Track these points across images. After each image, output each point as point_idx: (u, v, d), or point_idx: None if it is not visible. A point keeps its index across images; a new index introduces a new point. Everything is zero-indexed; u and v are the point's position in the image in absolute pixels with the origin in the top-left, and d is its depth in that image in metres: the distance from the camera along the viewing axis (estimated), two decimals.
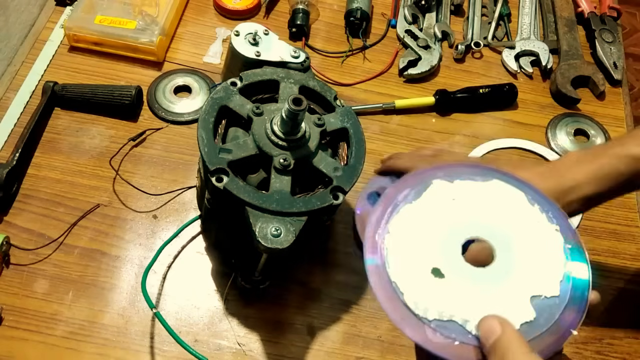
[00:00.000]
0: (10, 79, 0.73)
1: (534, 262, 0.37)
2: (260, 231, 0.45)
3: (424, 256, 0.36)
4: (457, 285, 0.35)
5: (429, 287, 0.35)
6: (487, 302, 0.35)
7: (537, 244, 0.38)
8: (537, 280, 0.36)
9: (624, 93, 0.85)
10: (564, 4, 0.91)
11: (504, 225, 0.38)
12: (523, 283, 0.36)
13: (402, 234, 0.37)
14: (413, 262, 0.36)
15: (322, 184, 0.50)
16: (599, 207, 0.72)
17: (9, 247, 0.60)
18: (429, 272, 0.36)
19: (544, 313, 0.35)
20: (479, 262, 0.37)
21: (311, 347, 0.59)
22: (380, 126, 0.76)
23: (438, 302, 0.34)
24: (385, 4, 0.89)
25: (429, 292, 0.35)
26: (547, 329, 0.34)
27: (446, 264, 0.36)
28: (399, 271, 0.35)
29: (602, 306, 0.65)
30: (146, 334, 0.57)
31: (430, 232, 0.37)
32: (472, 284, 0.35)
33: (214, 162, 0.47)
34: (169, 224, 0.64)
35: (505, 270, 0.36)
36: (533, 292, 0.35)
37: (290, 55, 0.57)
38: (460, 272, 0.36)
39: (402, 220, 0.38)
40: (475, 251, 0.37)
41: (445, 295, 0.35)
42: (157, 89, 0.74)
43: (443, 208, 0.39)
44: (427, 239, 0.37)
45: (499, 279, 0.36)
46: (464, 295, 0.35)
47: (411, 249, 0.37)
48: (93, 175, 0.66)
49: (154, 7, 0.77)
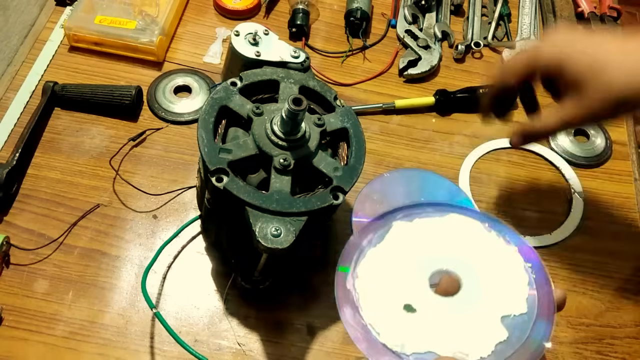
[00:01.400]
0: (10, 79, 0.73)
1: (499, 284, 0.38)
2: (260, 231, 0.45)
3: (394, 294, 0.38)
4: (430, 317, 0.37)
5: (403, 323, 0.36)
6: (460, 329, 0.36)
7: (499, 267, 0.39)
8: (505, 300, 0.37)
9: None
10: (564, 4, 0.91)
11: (466, 255, 0.40)
12: (492, 305, 0.37)
13: (371, 277, 0.38)
14: (384, 302, 0.37)
15: (322, 184, 0.50)
16: (599, 207, 0.73)
17: (9, 247, 0.60)
18: (401, 309, 0.37)
19: (515, 331, 0.36)
20: (448, 292, 0.38)
21: (311, 347, 0.59)
22: (380, 126, 0.76)
23: (414, 336, 0.36)
24: (385, 4, 0.89)
25: (403, 328, 0.36)
26: (520, 345, 0.36)
27: (416, 298, 0.37)
28: (372, 313, 0.37)
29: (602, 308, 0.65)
30: (146, 334, 0.57)
31: (397, 271, 0.39)
32: (443, 314, 0.37)
33: (214, 162, 0.47)
34: (169, 224, 0.64)
35: (473, 296, 0.38)
36: (502, 312, 0.37)
37: (290, 55, 0.57)
38: (430, 304, 0.37)
39: (369, 264, 0.39)
40: (444, 283, 0.39)
41: (419, 328, 0.36)
42: (157, 89, 0.74)
43: (406, 247, 0.40)
44: (395, 277, 0.39)
45: (468, 305, 0.37)
46: (438, 326, 0.36)
47: (381, 289, 0.38)
48: (93, 175, 0.66)
49: (154, 7, 0.77)
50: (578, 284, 0.66)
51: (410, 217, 0.42)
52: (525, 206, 0.72)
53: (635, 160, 0.78)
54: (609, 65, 0.48)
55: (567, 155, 0.76)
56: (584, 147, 0.77)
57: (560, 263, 0.68)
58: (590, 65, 0.48)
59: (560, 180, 0.75)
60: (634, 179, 0.76)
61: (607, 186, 0.75)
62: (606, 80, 0.47)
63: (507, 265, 0.39)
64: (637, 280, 0.67)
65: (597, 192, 0.74)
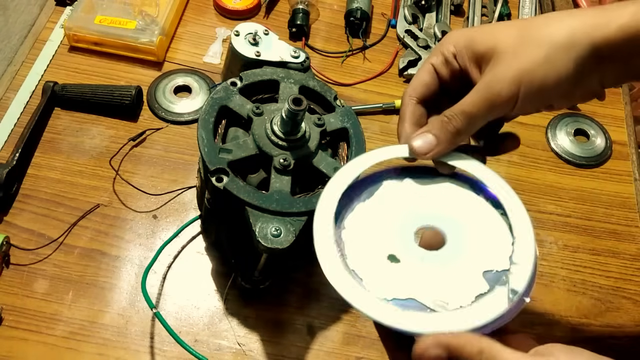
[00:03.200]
0: (10, 79, 0.73)
1: (483, 242, 0.39)
2: (260, 231, 0.45)
3: (380, 245, 0.39)
4: (413, 267, 0.38)
5: (386, 271, 0.37)
6: (441, 279, 0.37)
7: (485, 227, 0.40)
8: (488, 257, 0.38)
9: (623, 93, 0.85)
10: (563, 4, 0.91)
11: (453, 213, 0.41)
12: (474, 260, 0.38)
13: (358, 229, 0.39)
14: (369, 251, 0.38)
15: (322, 184, 0.50)
16: (599, 207, 0.73)
17: (9, 247, 0.60)
18: (385, 259, 0.38)
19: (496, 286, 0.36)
20: (432, 246, 0.39)
21: (311, 347, 0.59)
22: (380, 126, 0.76)
23: (396, 284, 0.36)
24: (385, 4, 0.89)
25: (386, 276, 0.37)
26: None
27: (401, 250, 0.38)
28: (357, 260, 0.38)
29: (602, 308, 0.65)
30: (146, 334, 0.57)
31: (383, 225, 0.40)
32: (426, 265, 0.38)
33: (214, 162, 0.47)
34: (169, 224, 0.64)
35: (456, 251, 0.39)
36: (484, 267, 0.37)
37: (290, 55, 0.57)
38: (414, 256, 0.38)
39: (356, 217, 0.40)
40: (427, 237, 0.39)
41: (402, 277, 0.37)
42: (157, 89, 0.74)
43: (395, 204, 0.41)
44: (382, 230, 0.39)
45: (451, 259, 0.38)
46: (420, 276, 0.37)
47: (367, 240, 0.39)
48: (93, 175, 0.66)
49: (154, 7, 0.77)
50: (578, 284, 0.66)
51: (400, 177, 0.43)
52: (526, 206, 0.71)
53: (635, 160, 0.78)
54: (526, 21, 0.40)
55: (567, 155, 0.76)
56: (584, 147, 0.77)
57: (560, 263, 0.68)
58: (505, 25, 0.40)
59: (560, 180, 0.75)
60: (634, 179, 0.76)
61: (607, 186, 0.75)
62: (526, 26, 0.39)
63: (492, 225, 0.40)
64: (637, 281, 0.67)
65: (597, 192, 0.74)
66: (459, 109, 0.40)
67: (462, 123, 0.40)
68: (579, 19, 0.37)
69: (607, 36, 0.36)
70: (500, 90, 0.38)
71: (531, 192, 0.73)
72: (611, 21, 0.36)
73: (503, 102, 0.38)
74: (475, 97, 0.39)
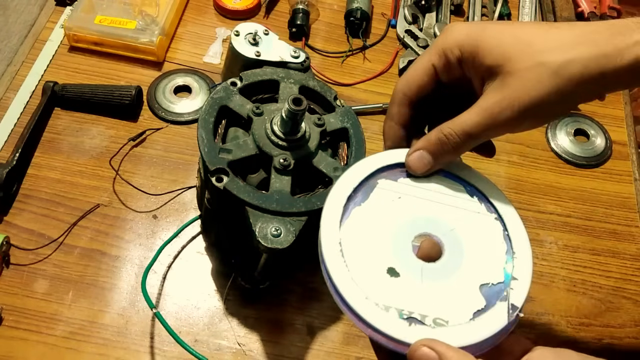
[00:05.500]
0: (10, 79, 0.73)
1: (480, 252, 0.39)
2: (260, 231, 0.45)
3: (379, 257, 0.38)
4: (412, 282, 0.37)
5: (387, 286, 0.37)
6: (441, 296, 0.37)
7: (480, 234, 0.39)
8: (484, 269, 0.38)
9: (623, 93, 0.85)
10: (564, 4, 0.91)
11: (448, 219, 0.40)
12: (471, 273, 0.38)
13: (355, 237, 0.39)
14: (369, 264, 0.38)
15: (322, 184, 0.50)
16: (599, 207, 0.73)
17: (9, 247, 0.60)
18: (385, 272, 0.37)
19: (492, 300, 0.36)
20: (430, 257, 0.38)
21: (311, 347, 0.59)
22: (380, 126, 0.75)
23: (397, 300, 0.36)
24: (385, 4, 0.89)
25: (387, 291, 0.36)
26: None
27: (399, 262, 0.38)
28: (359, 273, 0.37)
29: (602, 308, 0.65)
30: (146, 334, 0.57)
31: (380, 233, 0.39)
32: (425, 280, 0.37)
33: (214, 162, 0.47)
34: (169, 224, 0.64)
35: (454, 262, 0.38)
36: (481, 280, 0.37)
37: (290, 55, 0.57)
38: (413, 269, 0.38)
39: (353, 224, 0.39)
40: (425, 248, 0.38)
41: (402, 292, 0.36)
42: (157, 89, 0.74)
43: (390, 207, 0.40)
44: (379, 239, 0.39)
45: (450, 272, 0.38)
46: (420, 291, 0.37)
47: (366, 250, 0.38)
48: (93, 175, 0.66)
49: (154, 7, 0.77)
50: (578, 284, 0.66)
51: (395, 177, 0.42)
52: (526, 206, 0.72)
53: (635, 160, 0.78)
54: (537, 38, 0.38)
55: (567, 155, 0.77)
56: (584, 147, 0.78)
57: (560, 263, 0.68)
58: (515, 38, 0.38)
59: (560, 180, 0.75)
60: (634, 179, 0.76)
61: (607, 186, 0.75)
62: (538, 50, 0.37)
63: (486, 233, 0.39)
64: (637, 281, 0.67)
65: (597, 192, 0.74)
66: (459, 128, 0.39)
67: (462, 143, 0.39)
68: (591, 48, 0.37)
69: (618, 67, 0.36)
70: (506, 118, 0.38)
71: (531, 192, 0.73)
72: (624, 52, 0.36)
73: (507, 128, 0.39)
74: (478, 119, 0.38)
